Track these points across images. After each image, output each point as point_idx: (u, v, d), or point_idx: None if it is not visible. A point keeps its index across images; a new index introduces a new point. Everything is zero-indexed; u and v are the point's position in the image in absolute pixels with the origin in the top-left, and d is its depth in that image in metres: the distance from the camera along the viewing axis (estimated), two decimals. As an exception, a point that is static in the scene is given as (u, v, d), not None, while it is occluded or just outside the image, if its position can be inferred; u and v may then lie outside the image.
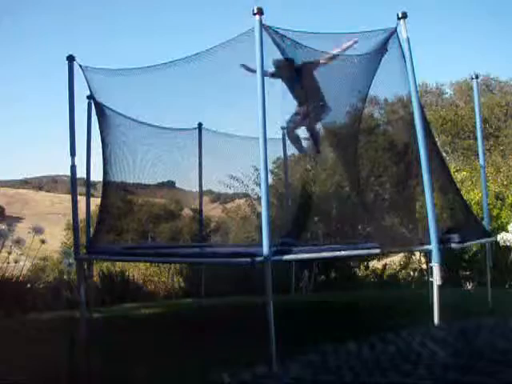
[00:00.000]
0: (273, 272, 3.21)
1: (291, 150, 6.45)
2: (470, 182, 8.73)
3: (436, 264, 3.52)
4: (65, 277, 7.31)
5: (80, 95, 4.78)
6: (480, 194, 6.70)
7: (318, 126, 4.76)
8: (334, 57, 4.11)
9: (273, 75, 4.39)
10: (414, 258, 8.55)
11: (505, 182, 9.93)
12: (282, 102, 4.43)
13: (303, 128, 4.97)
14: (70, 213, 4.58)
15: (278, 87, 4.45)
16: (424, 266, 7.57)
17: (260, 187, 3.73)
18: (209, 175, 6.31)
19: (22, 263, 6.28)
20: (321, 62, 4.16)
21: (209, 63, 4.01)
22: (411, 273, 8.64)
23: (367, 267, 8.71)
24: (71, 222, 4.72)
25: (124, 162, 5.09)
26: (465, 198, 6.19)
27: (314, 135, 4.90)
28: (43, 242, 6.10)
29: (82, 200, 4.73)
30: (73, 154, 4.42)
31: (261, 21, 3.42)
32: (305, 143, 5.30)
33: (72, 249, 5.32)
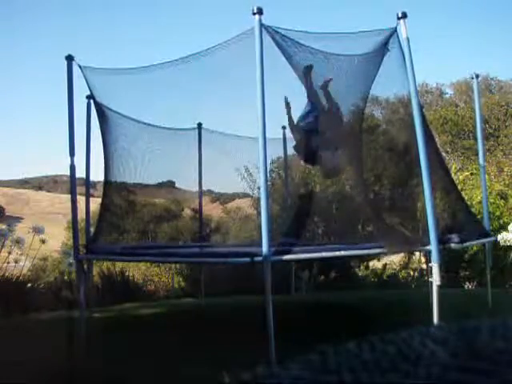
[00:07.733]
0: (273, 272, 3.21)
1: (291, 149, 6.44)
2: (473, 181, 8.69)
3: (435, 264, 3.52)
4: (65, 277, 7.32)
5: (81, 95, 4.78)
6: (482, 194, 6.70)
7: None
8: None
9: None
10: (414, 257, 8.54)
11: (507, 182, 9.92)
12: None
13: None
14: (70, 213, 4.57)
15: (277, 87, 4.45)
16: (424, 266, 7.56)
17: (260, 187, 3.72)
18: (209, 175, 6.31)
19: (21, 263, 6.28)
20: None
21: (209, 63, 4.01)
22: (411, 273, 8.64)
23: (367, 267, 8.70)
24: (71, 221, 4.72)
25: (124, 162, 5.08)
26: (467, 197, 6.17)
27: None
28: (43, 241, 6.09)
29: (81, 200, 4.73)
30: (72, 153, 4.41)
31: (260, 20, 3.42)
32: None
33: (72, 249, 5.32)
